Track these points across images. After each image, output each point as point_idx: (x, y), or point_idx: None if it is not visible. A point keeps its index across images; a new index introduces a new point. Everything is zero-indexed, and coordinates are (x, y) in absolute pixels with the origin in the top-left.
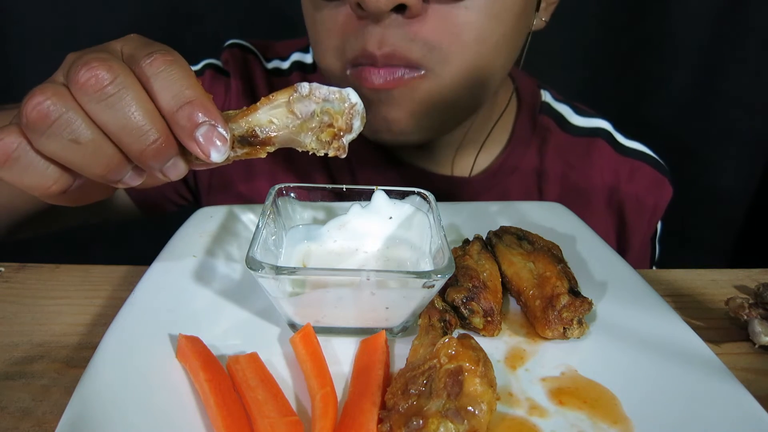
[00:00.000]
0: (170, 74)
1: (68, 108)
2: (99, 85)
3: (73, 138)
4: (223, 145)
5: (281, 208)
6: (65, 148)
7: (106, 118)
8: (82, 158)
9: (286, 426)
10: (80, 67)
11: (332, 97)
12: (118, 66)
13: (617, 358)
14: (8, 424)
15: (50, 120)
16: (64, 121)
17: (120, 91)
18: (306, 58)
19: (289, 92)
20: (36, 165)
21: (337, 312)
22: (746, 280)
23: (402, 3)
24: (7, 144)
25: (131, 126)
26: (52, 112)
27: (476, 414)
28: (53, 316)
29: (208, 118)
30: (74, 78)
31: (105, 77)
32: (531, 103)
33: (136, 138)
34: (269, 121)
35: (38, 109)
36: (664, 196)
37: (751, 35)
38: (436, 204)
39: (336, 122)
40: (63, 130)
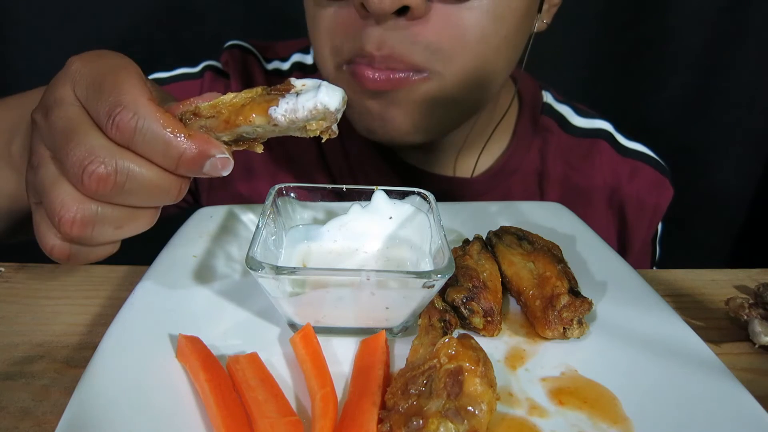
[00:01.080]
0: (143, 137)
1: (97, 206)
2: (109, 184)
3: (115, 226)
4: (228, 165)
5: (281, 208)
6: (112, 235)
7: (131, 201)
8: (128, 231)
9: (286, 426)
10: (80, 175)
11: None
12: (106, 153)
13: (617, 358)
14: (8, 424)
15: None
16: (100, 220)
17: (128, 176)
18: (306, 59)
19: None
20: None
21: (337, 312)
22: (746, 280)
23: (406, 4)
24: (61, 249)
25: (154, 193)
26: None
27: (476, 414)
28: (53, 316)
29: (204, 156)
30: (84, 186)
31: (108, 173)
32: (532, 104)
33: (164, 197)
34: (254, 129)
35: (77, 225)
36: (665, 196)
37: (751, 35)
38: (436, 204)
39: (320, 127)
40: (104, 227)
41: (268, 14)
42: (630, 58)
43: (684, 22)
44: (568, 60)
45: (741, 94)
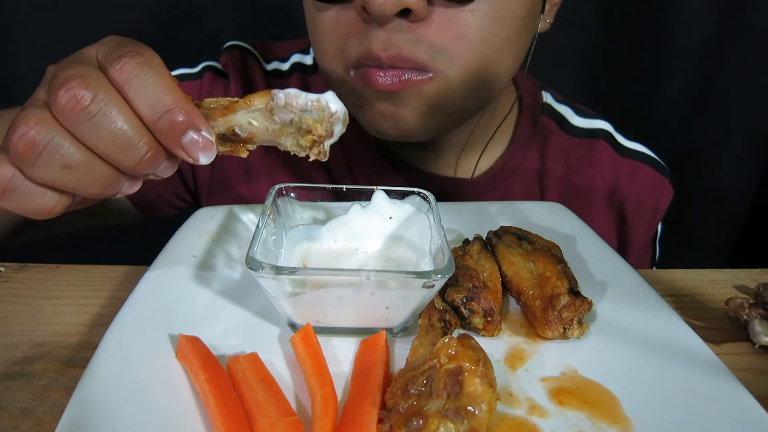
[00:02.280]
0: (144, 80)
1: (54, 134)
2: (80, 107)
3: (64, 163)
4: (209, 149)
5: (281, 208)
6: (58, 174)
7: (93, 139)
8: (77, 181)
9: (286, 426)
10: (59, 89)
11: (310, 107)
12: (95, 82)
13: (617, 358)
14: (8, 424)
15: (38, 150)
16: (51, 148)
17: (102, 110)
18: (306, 60)
19: (266, 98)
20: (33, 192)
21: (337, 312)
22: (746, 280)
23: (407, 6)
24: (1, 176)
25: (120, 143)
26: (38, 142)
27: (476, 414)
28: (53, 316)
29: (190, 125)
30: (55, 101)
31: (85, 97)
32: (532, 104)
33: (127, 154)
34: (248, 122)
35: (24, 140)
36: (665, 196)
37: (751, 35)
38: (436, 204)
39: (315, 130)
40: (52, 157)
41: (268, 14)
42: (630, 58)
43: (684, 22)
44: (567, 60)
45: (741, 94)
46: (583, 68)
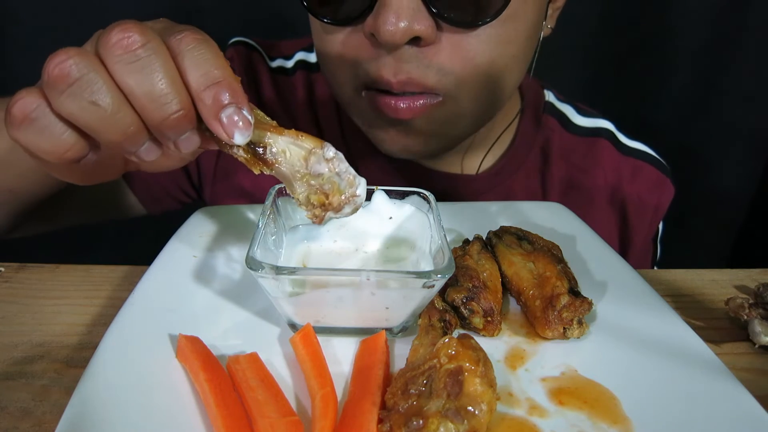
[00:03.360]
0: (201, 52)
1: (91, 69)
2: (130, 47)
3: (93, 99)
4: (246, 128)
5: (281, 208)
6: (84, 109)
7: (131, 82)
8: (101, 121)
9: (286, 426)
10: (114, 28)
11: (344, 176)
12: (151, 33)
13: (617, 358)
14: (8, 424)
15: (71, 79)
16: (85, 81)
17: (150, 56)
18: (310, 58)
19: (317, 143)
20: (53, 127)
21: (337, 312)
22: (746, 280)
23: (416, 35)
24: (26, 103)
25: (156, 92)
26: (73, 71)
27: (476, 414)
28: (53, 316)
29: (234, 101)
30: (106, 38)
31: (137, 40)
32: (535, 102)
33: (159, 105)
34: (283, 150)
35: (60, 67)
36: (666, 195)
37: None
38: (436, 204)
39: (331, 196)
40: (84, 90)
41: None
42: (630, 58)
43: (684, 22)
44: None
45: (741, 94)
46: (584, 68)
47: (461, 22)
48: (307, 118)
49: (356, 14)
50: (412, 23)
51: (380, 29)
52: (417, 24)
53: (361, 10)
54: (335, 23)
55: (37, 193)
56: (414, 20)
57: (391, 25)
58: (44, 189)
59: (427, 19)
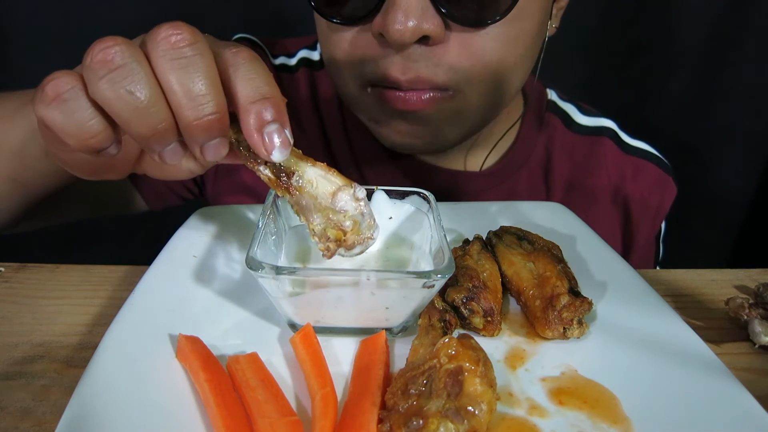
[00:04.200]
0: (254, 67)
1: (134, 59)
2: (177, 44)
3: (131, 89)
4: (286, 147)
5: (281, 208)
6: (120, 97)
7: (172, 78)
8: (134, 113)
9: (286, 426)
10: (165, 25)
11: (366, 218)
12: (200, 36)
13: (617, 358)
14: (8, 424)
15: (113, 65)
16: (127, 69)
17: (195, 56)
18: (313, 55)
19: (347, 182)
20: (83, 111)
21: (337, 312)
22: (746, 280)
23: (425, 34)
24: (61, 83)
25: (194, 91)
26: (117, 58)
27: (476, 414)
28: (53, 316)
29: (279, 119)
30: (155, 32)
31: (186, 38)
32: (538, 101)
33: (195, 105)
34: (310, 181)
35: (105, 51)
36: (669, 194)
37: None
38: (436, 204)
39: (349, 234)
40: (123, 78)
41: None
42: (630, 58)
43: (684, 22)
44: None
45: (741, 94)
46: (584, 68)
47: (470, 21)
48: (311, 116)
49: (364, 13)
50: (420, 22)
51: (389, 28)
52: (426, 23)
53: (369, 9)
54: (343, 22)
55: (43, 185)
56: (423, 19)
57: (400, 24)
58: (50, 181)
59: (436, 18)
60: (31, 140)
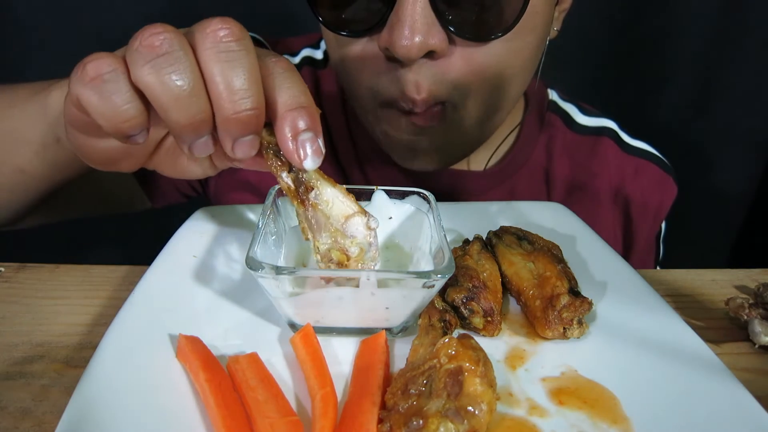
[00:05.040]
0: (292, 77)
1: (181, 47)
2: (227, 38)
3: (174, 76)
4: (318, 156)
5: (281, 208)
6: (163, 83)
7: (216, 69)
8: (174, 100)
9: (286, 426)
10: (215, 19)
11: (372, 250)
12: (248, 34)
13: (617, 358)
14: (8, 424)
15: (161, 51)
16: (173, 57)
17: (241, 51)
18: (316, 54)
19: (362, 210)
20: (122, 93)
21: (337, 312)
22: (746, 280)
23: (431, 50)
24: (103, 63)
25: (236, 85)
26: (165, 44)
27: (476, 414)
28: (53, 316)
29: (314, 128)
30: (205, 24)
31: (235, 33)
32: (539, 101)
33: (236, 99)
34: (326, 200)
35: (154, 37)
36: (669, 194)
37: (751, 35)
38: (436, 204)
39: (352, 260)
40: (169, 64)
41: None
42: (630, 58)
43: (684, 22)
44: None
45: (741, 94)
46: (584, 68)
47: (474, 36)
48: None
49: (369, 26)
50: (426, 38)
51: (395, 44)
52: (431, 39)
53: (374, 23)
54: (348, 35)
55: (50, 177)
56: (428, 35)
57: (407, 40)
58: (58, 173)
59: (441, 33)
60: (42, 126)
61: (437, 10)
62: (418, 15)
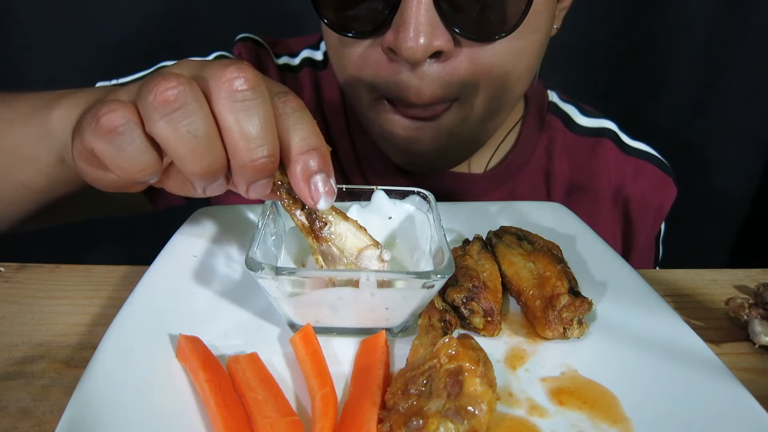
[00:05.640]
0: (302, 117)
1: (197, 99)
2: (242, 87)
3: (191, 129)
4: (331, 196)
5: (281, 208)
6: (179, 136)
7: (231, 119)
8: (191, 152)
9: (286, 426)
10: (228, 65)
11: None
12: (261, 79)
13: (617, 358)
14: (8, 424)
15: (176, 105)
16: (189, 110)
17: (257, 99)
18: (316, 55)
19: (374, 243)
20: (137, 145)
21: (337, 312)
22: (746, 280)
23: (437, 50)
24: (117, 116)
25: (252, 134)
26: (180, 99)
27: (476, 414)
28: (53, 316)
29: (325, 169)
30: (221, 71)
31: (250, 81)
32: (538, 102)
33: (252, 147)
34: (340, 234)
35: (168, 93)
36: (669, 195)
37: (751, 35)
38: (435, 204)
39: None
40: (185, 117)
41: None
42: (630, 58)
43: (684, 22)
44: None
45: (741, 94)
46: (583, 69)
47: (479, 36)
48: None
49: (374, 28)
50: (431, 39)
51: (401, 46)
52: (437, 40)
53: (379, 24)
54: (353, 36)
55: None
56: (433, 36)
57: (412, 42)
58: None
59: (446, 34)
60: (46, 146)
61: (442, 11)
62: (422, 16)
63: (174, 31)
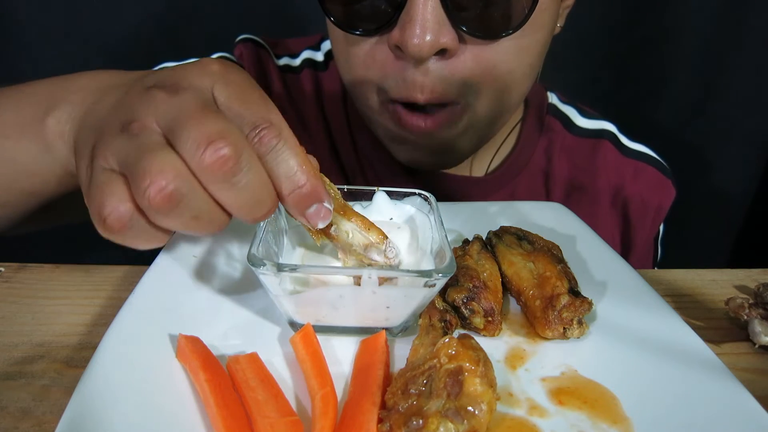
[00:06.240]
0: (281, 153)
1: (190, 188)
2: (226, 168)
3: (194, 215)
4: (327, 218)
5: (282, 208)
6: (185, 223)
7: (227, 196)
8: (197, 227)
9: (286, 426)
10: (203, 146)
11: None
12: (240, 143)
13: (617, 358)
14: (8, 424)
15: (174, 203)
16: (186, 202)
17: (245, 172)
18: (316, 56)
19: (380, 237)
20: (149, 232)
21: (337, 311)
22: (746, 280)
23: (442, 48)
24: (122, 216)
25: (251, 203)
26: (175, 197)
27: (476, 414)
28: (53, 316)
29: (317, 199)
30: (199, 158)
31: (232, 159)
32: (538, 104)
33: (253, 212)
34: (346, 232)
35: (163, 194)
36: (668, 197)
37: (751, 35)
38: (436, 204)
39: None
40: (185, 210)
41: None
42: (630, 58)
43: (684, 22)
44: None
45: (741, 94)
46: (584, 69)
47: (485, 34)
48: (316, 116)
49: (380, 25)
50: (437, 37)
51: (407, 43)
52: (443, 37)
53: (385, 21)
54: (359, 34)
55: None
56: (439, 34)
57: (418, 39)
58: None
59: (452, 32)
60: (47, 160)
61: (448, 9)
62: (429, 14)
63: (174, 32)
